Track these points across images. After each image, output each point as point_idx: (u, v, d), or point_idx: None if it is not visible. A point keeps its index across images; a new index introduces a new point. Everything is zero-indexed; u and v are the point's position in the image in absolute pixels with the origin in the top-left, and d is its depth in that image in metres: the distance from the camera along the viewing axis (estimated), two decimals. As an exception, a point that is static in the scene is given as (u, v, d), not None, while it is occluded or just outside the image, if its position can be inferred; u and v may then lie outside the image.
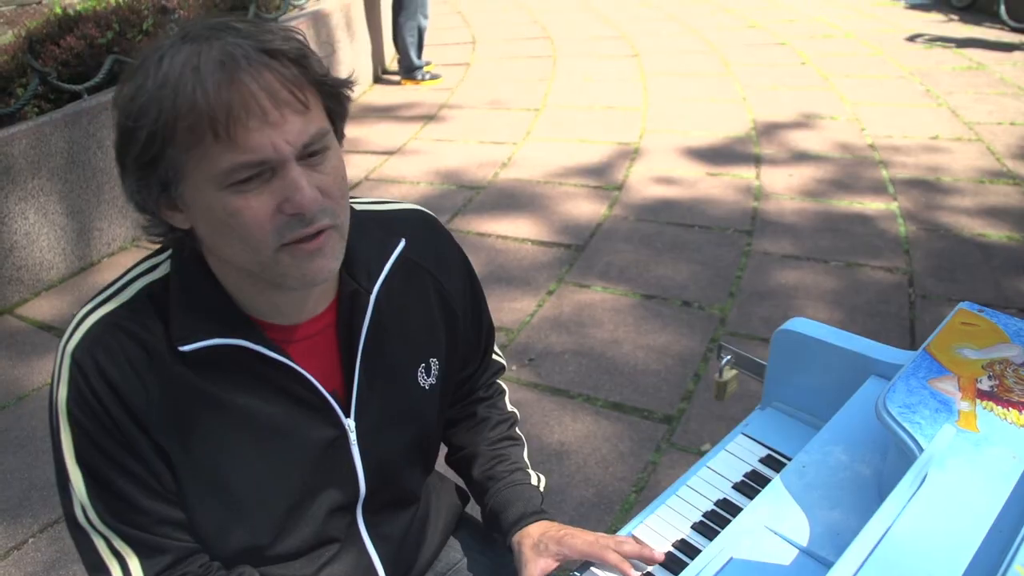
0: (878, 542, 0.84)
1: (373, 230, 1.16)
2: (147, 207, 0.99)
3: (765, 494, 1.17)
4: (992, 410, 1.07)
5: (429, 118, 6.12)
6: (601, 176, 4.97)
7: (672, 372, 3.15)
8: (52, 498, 2.69)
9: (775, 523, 1.11)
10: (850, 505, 1.13)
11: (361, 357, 1.14)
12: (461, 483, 1.49)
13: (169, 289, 1.05)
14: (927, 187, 4.70)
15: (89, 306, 1.05)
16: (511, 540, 1.31)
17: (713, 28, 8.49)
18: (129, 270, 1.09)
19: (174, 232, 1.02)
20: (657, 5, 9.61)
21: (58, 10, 4.82)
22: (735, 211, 4.46)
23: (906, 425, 1.04)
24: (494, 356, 1.48)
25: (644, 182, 4.86)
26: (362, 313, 1.13)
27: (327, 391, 1.12)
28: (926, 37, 7.90)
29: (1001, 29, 8.08)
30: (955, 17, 8.70)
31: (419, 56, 6.92)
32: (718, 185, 4.79)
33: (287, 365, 1.08)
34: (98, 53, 4.43)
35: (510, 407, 1.48)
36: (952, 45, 7.61)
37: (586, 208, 4.55)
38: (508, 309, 3.59)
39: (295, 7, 6.16)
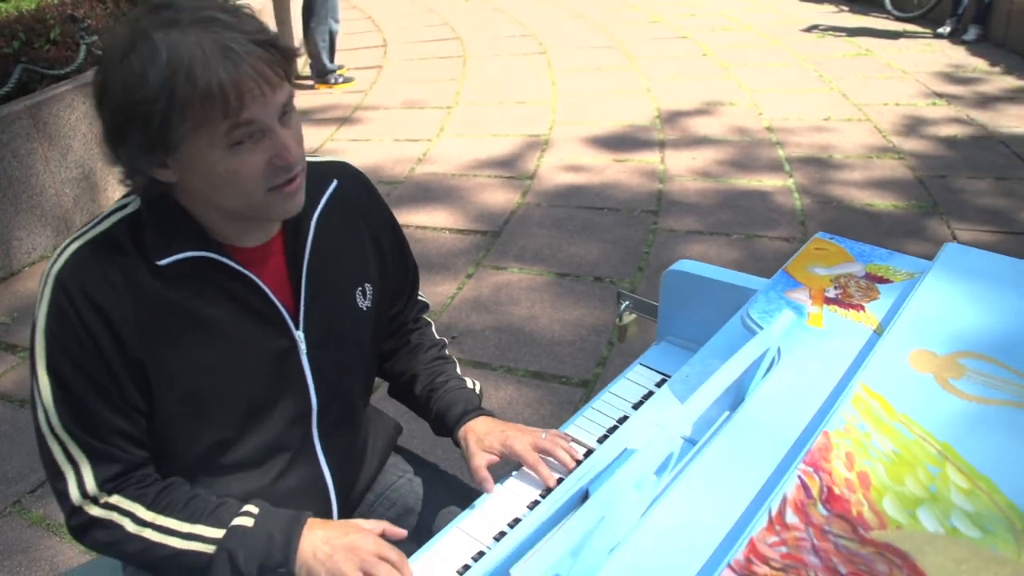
0: (729, 403, 1.03)
1: (311, 174, 1.34)
2: (135, 167, 1.16)
3: (655, 398, 1.35)
4: (836, 311, 1.27)
5: (344, 120, 6.23)
6: (513, 167, 5.16)
7: (587, 341, 3.34)
8: (-9, 493, 2.76)
9: (663, 420, 1.29)
10: (724, 402, 1.31)
11: (305, 275, 1.32)
12: (395, 419, 1.67)
13: (142, 218, 1.21)
14: (820, 164, 5.00)
15: (71, 238, 1.21)
16: (457, 435, 1.49)
17: (617, 24, 8.76)
18: (104, 210, 1.25)
19: (154, 183, 1.18)
20: (563, 4, 9.84)
21: (-44, 20, 4.81)
22: (641, 193, 4.69)
23: (763, 325, 1.23)
24: (419, 296, 1.67)
25: (554, 171, 5.07)
26: (304, 237, 1.32)
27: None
28: (819, 27, 8.30)
29: (887, 18, 8.55)
30: (845, 8, 9.15)
31: (331, 60, 7.02)
32: (625, 170, 5.02)
33: (247, 277, 1.25)
34: (4, 62, 4.44)
35: (438, 335, 1.66)
36: (843, 34, 8.02)
37: (500, 197, 4.73)
38: (430, 293, 3.74)
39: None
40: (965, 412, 1.00)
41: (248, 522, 1.24)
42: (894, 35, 7.93)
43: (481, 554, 1.23)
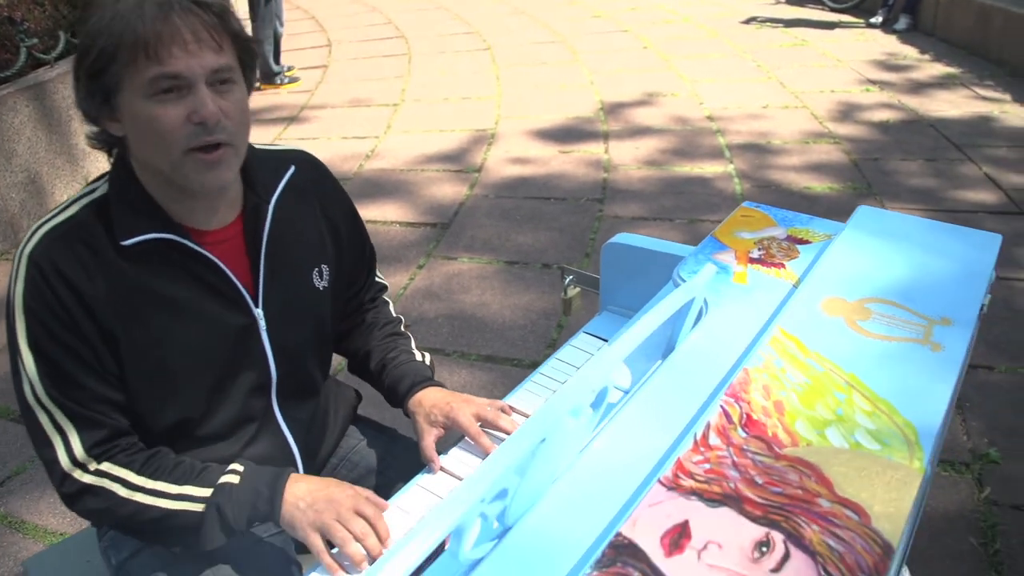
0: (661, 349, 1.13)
1: (269, 161, 1.45)
2: (92, 114, 1.26)
3: (594, 358, 1.44)
4: (759, 269, 1.38)
5: (291, 119, 6.26)
6: (461, 161, 5.24)
7: (537, 325, 3.44)
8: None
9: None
10: (658, 354, 1.41)
11: (264, 256, 1.40)
12: (355, 389, 1.76)
13: (109, 202, 1.29)
14: (759, 150, 5.16)
15: (42, 220, 1.29)
16: (407, 407, 1.58)
17: (560, 19, 8.88)
18: (73, 195, 1.32)
19: (111, 139, 1.29)
20: (506, 1, 9.95)
21: None
22: (587, 182, 4.80)
23: (691, 282, 1.33)
24: (377, 278, 1.75)
25: (501, 163, 5.16)
26: (263, 221, 1.40)
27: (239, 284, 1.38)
28: (757, 19, 8.51)
29: (822, 10, 8.79)
30: (781, 0, 9.37)
31: (277, 62, 7.05)
32: (570, 161, 5.13)
33: (207, 258, 1.33)
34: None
35: (394, 313, 1.74)
36: (780, 25, 8.23)
37: (448, 190, 4.81)
38: (382, 284, 3.82)
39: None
40: (870, 348, 1.11)
41: (235, 479, 1.32)
42: (829, 25, 8.16)
43: (438, 505, 1.31)
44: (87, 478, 1.29)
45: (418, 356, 1.66)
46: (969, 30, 7.07)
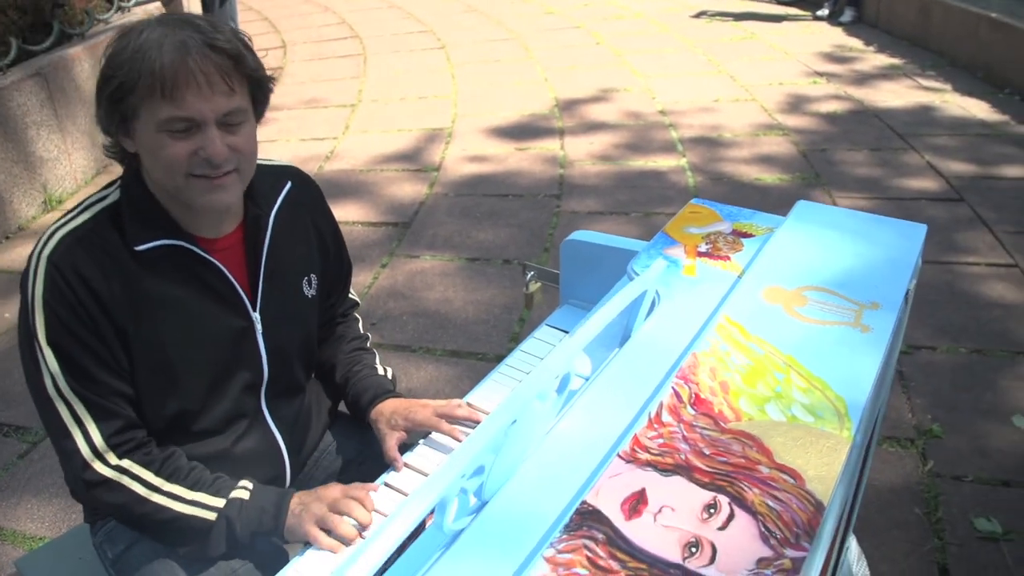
0: (619, 337, 1.23)
1: (267, 176, 1.55)
2: (110, 132, 1.36)
3: (559, 345, 1.54)
4: (706, 262, 1.49)
5: (249, 121, 6.29)
6: (419, 160, 5.33)
7: (500, 319, 3.55)
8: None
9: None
10: (615, 342, 1.52)
11: (264, 264, 1.51)
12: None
13: (121, 208, 1.39)
14: (711, 143, 5.30)
15: (57, 224, 1.38)
16: (369, 418, 1.68)
17: (513, 17, 8.98)
18: (85, 199, 1.42)
19: (124, 152, 1.39)
20: (459, -1, 10.05)
21: None
22: (544, 179, 4.91)
23: (643, 276, 1.44)
24: (350, 295, 1.86)
25: (459, 161, 5.26)
26: (264, 231, 1.51)
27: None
28: (707, 13, 8.68)
29: (770, 3, 9.01)
30: (730, -7, 9.58)
31: (232, 63, 7.06)
32: (527, 158, 5.24)
33: (214, 264, 1.44)
34: None
35: (363, 331, 1.84)
36: (729, 19, 8.42)
37: (408, 189, 4.90)
38: (347, 284, 3.90)
39: (100, 21, 6.18)
40: (806, 332, 1.23)
41: (244, 495, 1.43)
42: (777, 19, 8.37)
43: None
44: (108, 472, 1.38)
45: (380, 371, 1.76)
46: (911, 22, 7.29)
